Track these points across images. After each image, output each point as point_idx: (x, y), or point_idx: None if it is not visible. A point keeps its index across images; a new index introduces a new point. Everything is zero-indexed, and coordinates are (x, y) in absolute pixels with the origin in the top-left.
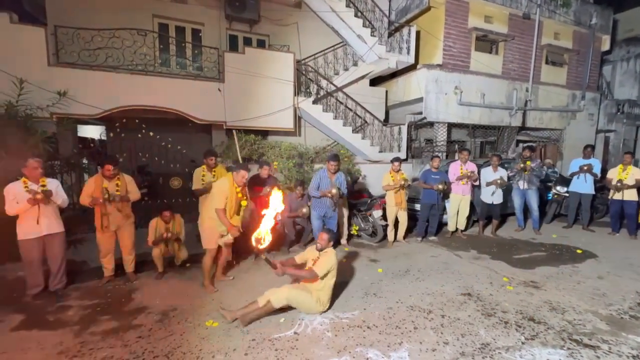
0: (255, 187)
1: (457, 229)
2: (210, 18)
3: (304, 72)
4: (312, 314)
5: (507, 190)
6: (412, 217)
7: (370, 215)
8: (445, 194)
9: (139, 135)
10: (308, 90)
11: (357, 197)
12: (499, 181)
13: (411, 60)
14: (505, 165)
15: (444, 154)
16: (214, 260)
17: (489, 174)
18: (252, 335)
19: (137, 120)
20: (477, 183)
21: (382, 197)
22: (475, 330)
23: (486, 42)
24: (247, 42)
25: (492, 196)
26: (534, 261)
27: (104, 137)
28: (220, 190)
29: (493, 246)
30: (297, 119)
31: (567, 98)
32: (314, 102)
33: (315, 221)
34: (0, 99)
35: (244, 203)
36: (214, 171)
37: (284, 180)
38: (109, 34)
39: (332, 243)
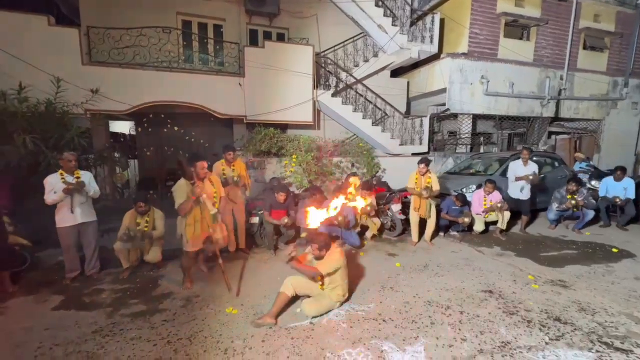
0: (274, 213)
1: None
2: (231, 14)
3: (323, 65)
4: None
5: (536, 185)
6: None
7: (388, 209)
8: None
9: (165, 130)
10: (327, 83)
11: (376, 192)
12: (530, 177)
13: (434, 49)
14: (535, 159)
15: (469, 146)
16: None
17: (519, 168)
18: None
19: (162, 116)
20: (507, 209)
21: (402, 191)
22: (495, 328)
23: (517, 28)
24: (267, 36)
25: (521, 192)
26: (563, 259)
27: (133, 132)
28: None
29: (519, 243)
30: (317, 112)
31: (607, 86)
32: (334, 95)
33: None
34: (41, 97)
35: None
36: (233, 166)
37: (302, 173)
38: (136, 33)
39: (326, 251)
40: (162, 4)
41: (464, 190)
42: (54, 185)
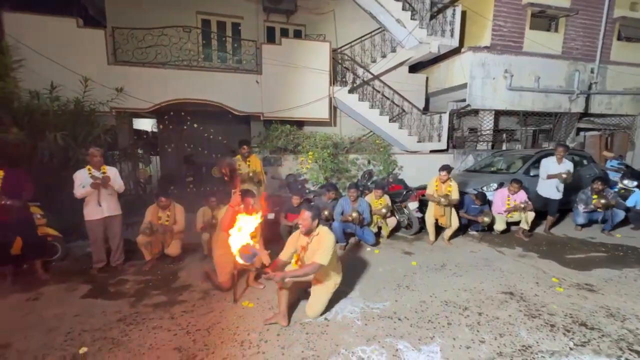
0: (290, 216)
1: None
2: (249, 11)
3: (339, 61)
4: (325, 292)
5: (569, 184)
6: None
7: (405, 206)
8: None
9: (185, 127)
10: (344, 79)
11: (392, 189)
12: (564, 175)
13: (455, 43)
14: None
15: (490, 143)
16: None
17: (552, 165)
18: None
19: (182, 113)
20: (531, 209)
21: (419, 188)
22: (515, 331)
23: (543, 19)
24: (284, 33)
25: (551, 190)
26: (591, 262)
27: (155, 129)
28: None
29: (542, 244)
30: (333, 109)
31: None
32: (350, 91)
33: (336, 223)
34: (70, 95)
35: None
36: (249, 161)
37: (317, 170)
38: (158, 32)
39: (317, 222)
40: (182, 4)
41: (484, 188)
42: (82, 179)
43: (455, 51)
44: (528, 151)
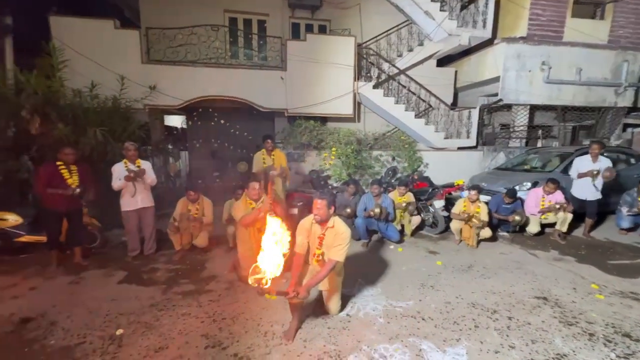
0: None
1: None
2: (275, 8)
3: (364, 56)
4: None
5: (607, 184)
6: None
7: (430, 205)
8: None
9: (212, 123)
10: (368, 74)
11: (417, 186)
12: (594, 172)
13: (487, 34)
14: (605, 154)
15: (524, 140)
16: None
17: (585, 164)
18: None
19: (210, 110)
20: (570, 210)
21: (445, 186)
22: (549, 338)
23: (587, 6)
24: (309, 28)
25: (585, 191)
26: (637, 269)
27: (184, 126)
28: (234, 209)
29: (581, 248)
30: (357, 104)
31: None
32: (375, 86)
33: (359, 219)
34: (108, 93)
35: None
36: (273, 155)
37: (340, 166)
38: (187, 32)
39: (334, 209)
40: (210, 3)
41: (517, 187)
42: (119, 172)
43: (488, 43)
44: (566, 149)
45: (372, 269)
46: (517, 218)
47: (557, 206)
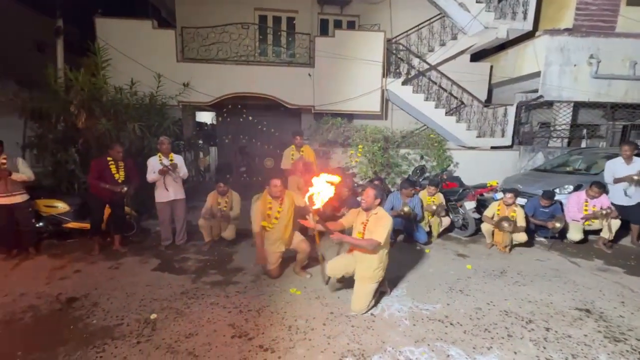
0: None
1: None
2: (304, 5)
3: (394, 52)
4: (371, 284)
5: None
6: None
7: (460, 206)
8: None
9: (241, 120)
10: (397, 70)
11: (447, 186)
12: (635, 177)
13: (528, 27)
14: None
15: (566, 140)
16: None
17: (619, 167)
18: (330, 308)
19: (239, 106)
20: (616, 217)
21: (477, 187)
22: (592, 354)
23: None
24: (338, 24)
25: (626, 196)
26: None
27: (214, 122)
28: (253, 211)
29: (630, 258)
30: (384, 101)
31: None
32: (404, 83)
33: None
34: (146, 90)
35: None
36: (302, 151)
37: (367, 164)
38: (219, 30)
39: (379, 201)
40: (241, 1)
41: (557, 191)
42: (154, 165)
43: (528, 36)
44: (615, 149)
45: (397, 269)
46: (558, 225)
47: (604, 212)
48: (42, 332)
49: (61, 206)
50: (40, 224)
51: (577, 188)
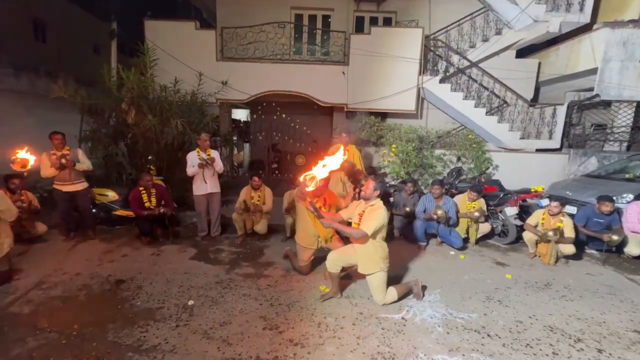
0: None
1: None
2: (340, 2)
3: (432, 48)
4: (371, 273)
5: None
6: None
7: (500, 211)
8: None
9: (274, 117)
10: (435, 68)
11: (486, 190)
12: None
13: (585, 19)
14: None
15: (625, 144)
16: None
17: None
18: (359, 309)
19: (273, 104)
20: None
21: (520, 192)
22: None
23: None
24: (374, 21)
25: None
26: None
27: (248, 119)
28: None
29: None
30: (420, 100)
31: None
32: (442, 80)
33: (418, 221)
34: (188, 88)
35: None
36: (347, 150)
37: (399, 164)
38: (257, 30)
39: (378, 193)
40: (279, 0)
41: (614, 199)
42: (192, 160)
43: (583, 29)
44: None
45: (429, 274)
46: (615, 237)
47: None
48: (94, 309)
49: (111, 195)
50: (94, 210)
51: (638, 197)
